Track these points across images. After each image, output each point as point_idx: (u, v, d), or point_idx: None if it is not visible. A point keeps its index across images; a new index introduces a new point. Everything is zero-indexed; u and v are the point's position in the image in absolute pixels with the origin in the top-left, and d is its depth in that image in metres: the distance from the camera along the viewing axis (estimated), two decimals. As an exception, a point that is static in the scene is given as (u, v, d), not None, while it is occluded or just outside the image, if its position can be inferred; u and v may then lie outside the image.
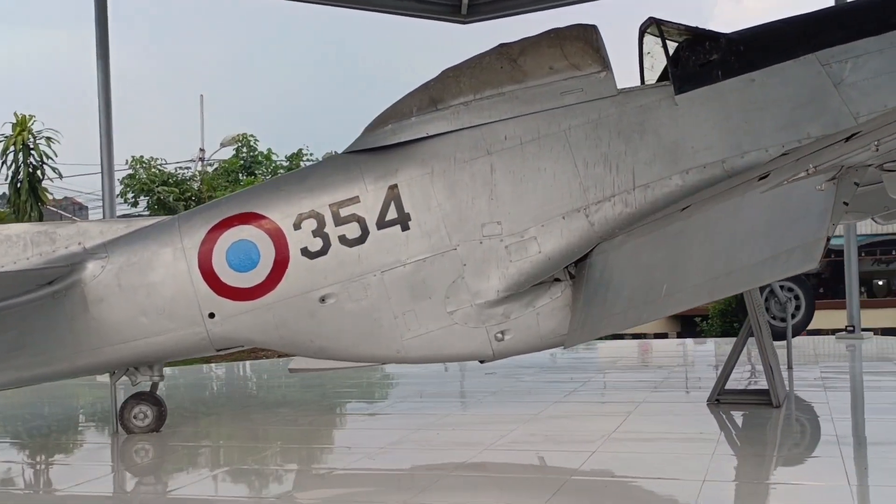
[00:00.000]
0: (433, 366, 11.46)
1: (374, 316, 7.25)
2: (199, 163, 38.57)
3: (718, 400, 7.64)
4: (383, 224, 7.30)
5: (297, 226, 7.30)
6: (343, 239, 7.28)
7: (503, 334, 7.21)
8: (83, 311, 7.27)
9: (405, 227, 7.29)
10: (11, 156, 21.02)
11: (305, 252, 7.27)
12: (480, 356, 7.32)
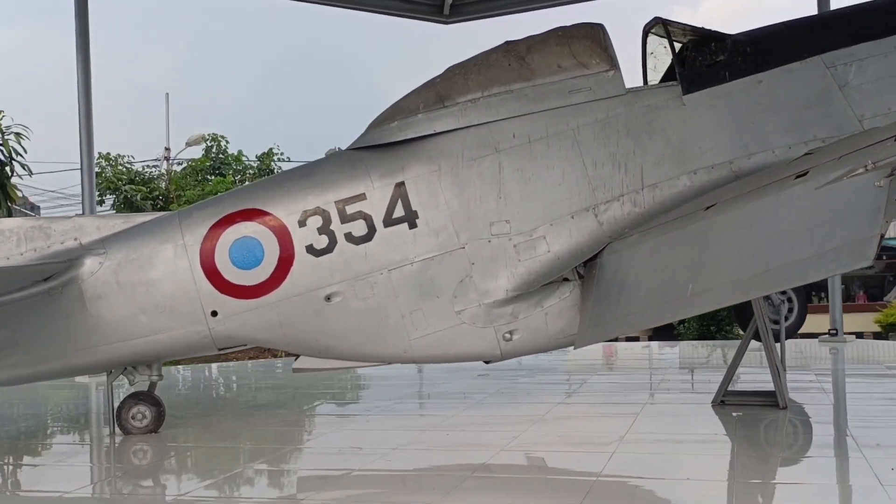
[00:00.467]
0: (420, 366, 11.40)
1: (381, 315, 7.13)
2: (165, 162, 38.02)
3: (724, 401, 7.64)
4: (390, 222, 7.18)
5: (303, 223, 7.16)
6: (349, 236, 7.15)
7: (511, 334, 7.13)
8: (80, 309, 7.06)
9: (412, 225, 7.18)
10: (-23, 152, 20.48)
11: (311, 249, 7.14)
12: (488, 356, 7.24)
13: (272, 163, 32.73)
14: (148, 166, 34.84)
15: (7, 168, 20.40)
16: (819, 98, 7.41)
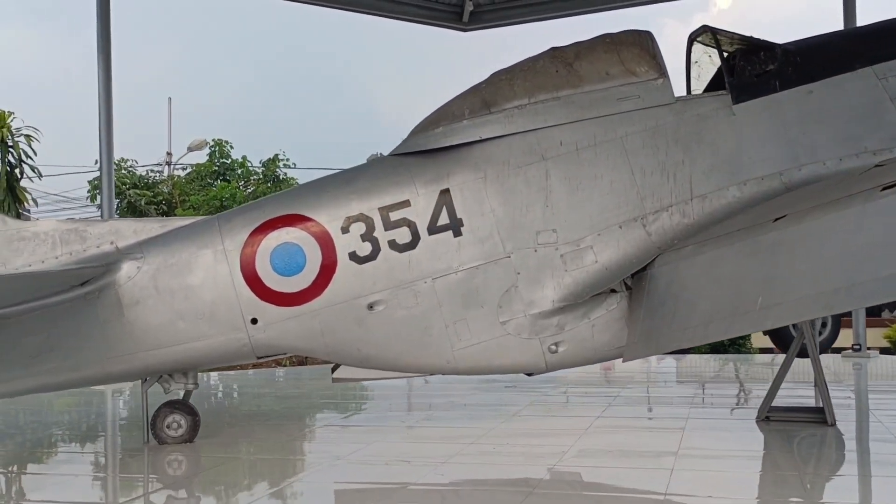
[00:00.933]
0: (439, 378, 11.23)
1: (425, 324, 6.97)
2: (167, 167, 37.81)
3: (768, 417, 7.50)
4: (435, 229, 7.03)
5: (346, 229, 7.00)
6: (393, 244, 7.00)
7: (557, 346, 6.97)
8: (117, 315, 6.89)
9: (457, 233, 7.03)
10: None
11: (353, 256, 6.98)
12: (533, 368, 7.08)
13: (277, 169, 32.64)
14: (151, 171, 34.69)
15: (17, 170, 20.33)
16: (870, 109, 7.28)
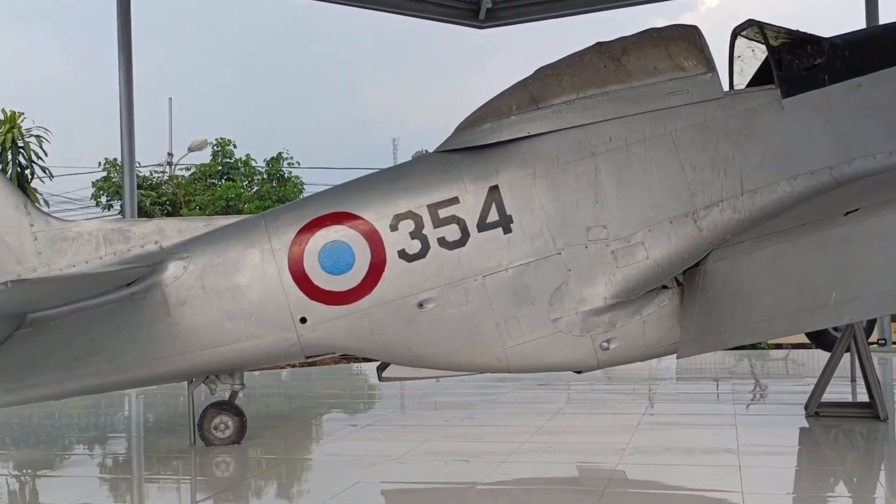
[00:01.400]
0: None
1: (475, 323, 6.89)
2: (168, 167, 37.64)
3: (818, 413, 7.44)
4: (484, 226, 6.95)
5: (394, 227, 6.92)
6: (442, 241, 6.91)
7: (609, 343, 6.89)
8: (164, 315, 6.79)
9: (507, 230, 6.95)
10: (-1, 154, 20.13)
11: (403, 254, 6.89)
12: (584, 366, 7.00)
13: (281, 167, 32.48)
14: (154, 171, 34.51)
15: (27, 171, 20.19)
16: (920, 103, 7.23)
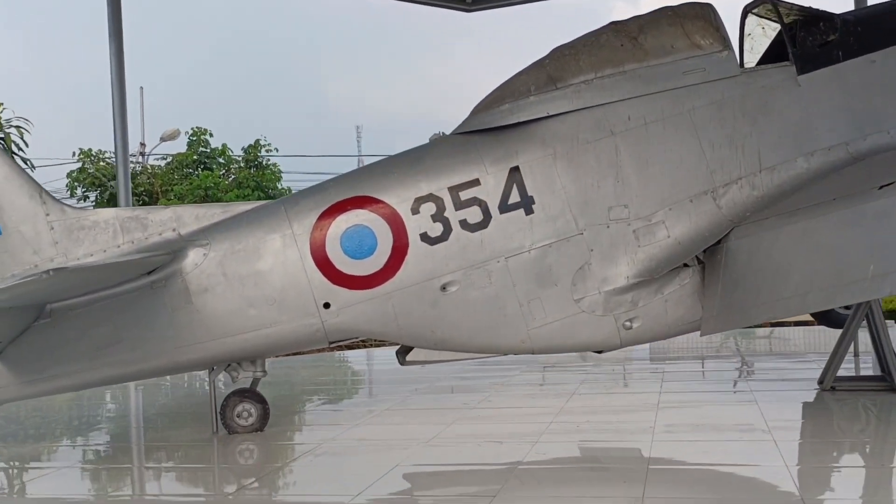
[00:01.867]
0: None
1: (499, 304, 6.88)
2: (141, 157, 37.21)
3: (834, 387, 7.52)
4: (506, 208, 6.93)
5: (416, 210, 6.88)
6: (464, 224, 6.89)
7: (631, 322, 6.92)
8: (185, 303, 6.72)
9: (529, 211, 6.94)
10: (-22, 145, 19.74)
11: (425, 237, 6.86)
12: (607, 346, 7.02)
13: (258, 155, 32.23)
14: (130, 162, 34.07)
15: (9, 162, 19.79)
16: (933, 78, 7.29)
